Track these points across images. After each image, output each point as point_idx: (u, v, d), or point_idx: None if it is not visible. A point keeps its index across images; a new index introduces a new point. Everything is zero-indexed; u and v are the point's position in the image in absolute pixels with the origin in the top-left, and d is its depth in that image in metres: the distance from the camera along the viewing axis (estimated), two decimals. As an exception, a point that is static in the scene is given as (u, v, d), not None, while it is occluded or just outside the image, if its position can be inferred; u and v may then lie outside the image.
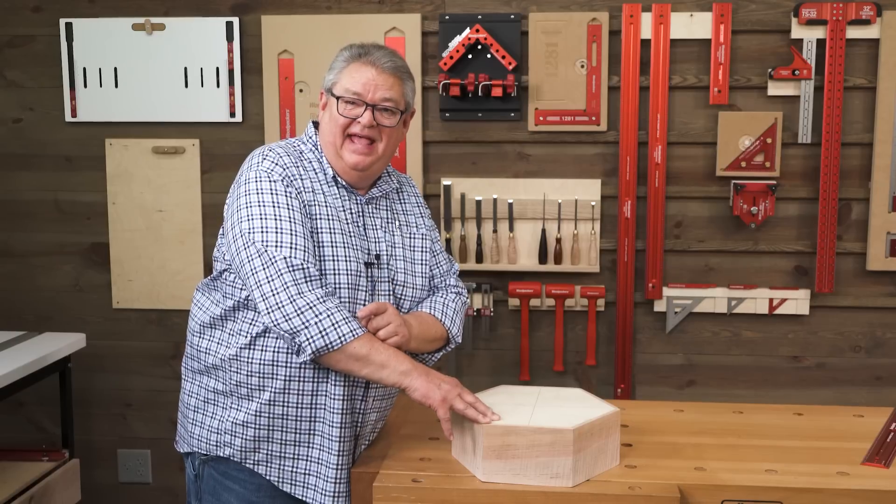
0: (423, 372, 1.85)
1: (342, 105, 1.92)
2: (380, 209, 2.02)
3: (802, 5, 2.83)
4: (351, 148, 1.93)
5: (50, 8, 3.08)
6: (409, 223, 2.07)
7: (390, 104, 1.93)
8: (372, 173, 1.99)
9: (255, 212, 1.85)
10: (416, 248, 2.06)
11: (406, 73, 1.99)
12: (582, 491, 1.73)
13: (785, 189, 2.94)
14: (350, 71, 1.94)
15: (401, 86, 1.96)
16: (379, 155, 1.95)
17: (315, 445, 1.91)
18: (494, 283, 3.04)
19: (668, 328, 3.03)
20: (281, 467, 1.94)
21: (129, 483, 3.27)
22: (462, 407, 1.81)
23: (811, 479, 1.77)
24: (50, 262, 3.20)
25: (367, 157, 1.93)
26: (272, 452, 1.93)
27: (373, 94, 1.92)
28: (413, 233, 2.06)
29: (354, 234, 1.94)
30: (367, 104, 1.91)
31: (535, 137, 2.99)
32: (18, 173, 3.17)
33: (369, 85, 1.92)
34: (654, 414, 2.19)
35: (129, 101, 3.08)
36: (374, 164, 1.96)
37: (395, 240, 2.01)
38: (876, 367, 3.02)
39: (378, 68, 1.93)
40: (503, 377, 3.04)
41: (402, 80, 1.97)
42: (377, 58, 1.94)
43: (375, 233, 1.98)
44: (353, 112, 1.92)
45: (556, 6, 2.94)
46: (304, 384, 1.89)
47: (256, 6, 3.02)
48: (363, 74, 1.92)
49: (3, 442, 3.18)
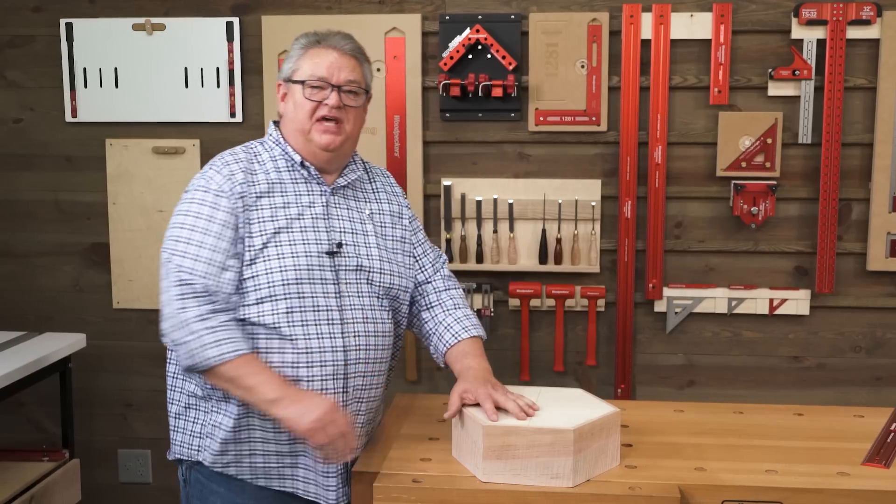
0: (294, 400, 1.80)
1: (308, 90, 1.95)
2: (347, 199, 2.04)
3: (802, 6, 2.83)
4: (320, 129, 1.95)
5: (50, 8, 3.08)
6: (381, 211, 2.08)
7: (354, 85, 1.97)
8: (342, 154, 2.01)
9: (177, 220, 1.92)
10: (394, 238, 2.07)
11: (364, 56, 2.04)
12: (582, 491, 1.73)
13: (785, 189, 2.94)
14: (311, 56, 1.97)
15: (361, 67, 2.01)
16: (347, 134, 1.98)
17: (296, 440, 1.91)
18: (494, 283, 3.04)
19: (669, 328, 3.03)
20: (265, 465, 1.95)
21: (130, 483, 3.27)
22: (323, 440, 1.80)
23: (811, 479, 1.77)
24: (50, 263, 3.20)
25: (337, 136, 1.96)
26: (255, 451, 1.94)
27: (338, 76, 1.95)
28: (385, 221, 2.08)
29: (315, 224, 1.95)
30: (333, 86, 1.94)
31: (536, 138, 2.99)
32: (19, 173, 3.17)
33: (333, 67, 1.95)
34: (654, 414, 2.19)
35: (129, 101, 3.08)
36: (343, 144, 1.98)
37: (365, 228, 2.02)
38: (876, 368, 3.01)
39: (339, 51, 1.97)
40: (504, 377, 2.98)
41: (360, 62, 2.02)
42: (337, 41, 1.99)
43: (341, 222, 1.99)
44: (320, 95, 1.95)
45: (557, 6, 2.94)
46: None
47: (256, 6, 3.02)
48: (325, 58, 1.96)
49: (4, 442, 3.18)
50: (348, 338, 1.92)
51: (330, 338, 1.90)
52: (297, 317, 1.89)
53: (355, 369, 1.93)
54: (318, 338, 1.89)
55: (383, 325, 1.99)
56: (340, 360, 1.91)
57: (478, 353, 2.05)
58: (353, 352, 1.92)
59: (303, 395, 1.85)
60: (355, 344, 1.92)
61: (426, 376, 3.12)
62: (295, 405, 1.80)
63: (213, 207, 1.89)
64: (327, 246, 1.94)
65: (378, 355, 1.98)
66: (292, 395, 1.82)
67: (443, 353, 2.08)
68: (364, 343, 1.94)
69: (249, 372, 1.81)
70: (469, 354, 2.03)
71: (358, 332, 1.93)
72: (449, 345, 2.07)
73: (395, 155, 3.01)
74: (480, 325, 2.13)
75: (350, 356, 1.92)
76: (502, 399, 1.84)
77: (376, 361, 1.98)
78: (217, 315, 1.83)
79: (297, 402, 1.81)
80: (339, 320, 1.91)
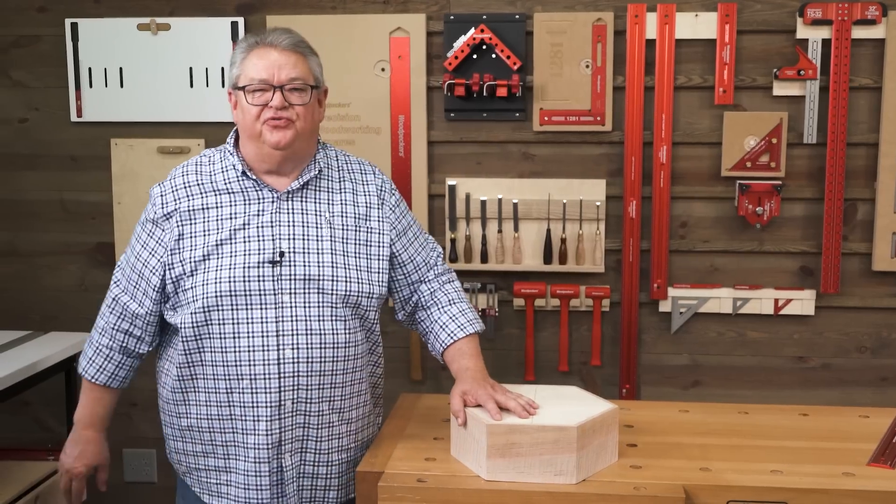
0: (73, 436, 2.12)
1: (250, 95, 1.89)
2: (305, 201, 1.96)
3: (808, 5, 2.82)
4: (269, 126, 1.89)
5: (55, 8, 3.08)
6: (344, 213, 1.99)
7: (298, 83, 1.90)
8: (296, 153, 1.95)
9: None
10: (357, 242, 1.99)
11: (307, 48, 1.96)
12: (587, 491, 1.73)
13: (790, 189, 2.93)
14: (251, 59, 1.91)
15: (305, 62, 1.93)
16: (298, 131, 1.91)
17: (240, 458, 1.94)
18: (499, 283, 3.04)
19: (673, 328, 3.02)
20: (207, 480, 2.00)
21: (135, 482, 3.28)
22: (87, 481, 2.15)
23: (816, 479, 1.77)
24: (55, 262, 3.20)
25: (287, 131, 1.89)
26: (199, 464, 2.01)
27: (278, 76, 1.88)
28: (348, 224, 1.99)
29: (260, 234, 1.91)
30: (275, 87, 1.88)
31: (540, 137, 2.99)
32: (24, 173, 3.17)
33: (272, 68, 1.88)
34: (659, 414, 2.19)
35: (134, 101, 3.08)
36: (295, 142, 1.91)
37: (321, 233, 1.94)
38: (881, 368, 3.01)
39: (278, 48, 1.90)
40: (508, 377, 3.01)
41: (304, 55, 1.94)
42: (274, 38, 1.92)
43: (292, 229, 1.93)
44: (263, 98, 1.89)
45: (561, 6, 2.94)
46: (222, 408, 1.94)
47: (261, 6, 3.03)
48: (264, 59, 1.89)
49: (9, 441, 3.19)
50: (284, 350, 1.88)
51: (263, 351, 1.88)
52: (230, 329, 1.88)
53: (294, 382, 1.89)
54: (250, 351, 1.88)
55: (335, 336, 1.92)
56: (273, 374, 1.88)
57: (474, 352, 2.03)
58: (291, 364, 1.88)
59: (80, 438, 2.11)
60: (293, 357, 1.89)
61: (430, 376, 3.12)
62: (70, 436, 2.12)
63: (148, 236, 2.00)
64: (270, 255, 1.90)
65: (328, 367, 1.92)
66: (76, 433, 2.12)
67: (440, 353, 2.07)
68: (306, 356, 1.89)
69: (83, 391, 2.11)
70: (465, 355, 2.02)
71: (298, 344, 1.89)
72: (445, 344, 2.05)
73: (400, 155, 3.01)
74: (477, 319, 2.09)
75: (286, 369, 1.88)
76: (503, 398, 1.85)
77: (326, 374, 1.92)
78: (107, 332, 2.05)
79: (72, 438, 2.12)
80: (273, 332, 1.88)
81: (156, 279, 1.94)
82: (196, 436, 1.97)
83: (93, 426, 2.11)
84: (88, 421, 2.10)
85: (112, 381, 2.06)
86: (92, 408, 2.09)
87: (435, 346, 2.08)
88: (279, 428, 1.90)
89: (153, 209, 1.98)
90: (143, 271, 1.97)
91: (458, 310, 2.09)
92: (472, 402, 1.87)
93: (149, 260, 1.96)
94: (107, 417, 2.13)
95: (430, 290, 2.11)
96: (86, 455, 2.10)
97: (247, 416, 1.90)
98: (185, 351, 1.93)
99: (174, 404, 2.00)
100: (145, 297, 1.97)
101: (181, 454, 2.03)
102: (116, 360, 2.04)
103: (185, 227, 1.93)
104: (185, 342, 1.92)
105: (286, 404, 1.90)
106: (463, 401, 1.87)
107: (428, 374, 3.13)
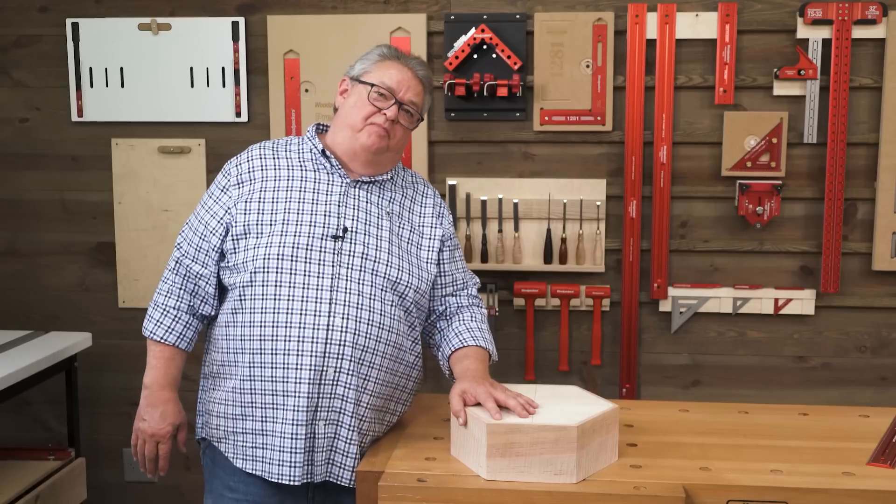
0: (148, 398, 2.07)
1: (374, 94, 2.04)
2: (369, 193, 2.09)
3: (808, 5, 2.82)
4: (369, 130, 2.04)
5: (56, 8, 3.09)
6: (402, 216, 2.12)
7: (414, 108, 2.08)
8: (380, 162, 2.09)
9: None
10: (409, 241, 2.11)
11: (430, 86, 2.17)
12: (587, 491, 1.73)
13: (790, 189, 2.93)
14: (385, 66, 2.08)
15: (424, 95, 2.12)
16: (389, 146, 2.06)
17: (277, 420, 1.96)
18: (499, 282, 3.04)
19: (674, 328, 3.03)
20: (244, 444, 2.00)
21: (135, 482, 3.28)
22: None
23: (817, 479, 1.77)
24: (56, 262, 3.20)
25: (383, 141, 2.04)
26: (237, 430, 2.00)
27: (403, 93, 2.07)
28: (403, 225, 2.11)
29: (327, 210, 2.02)
30: (397, 100, 2.04)
31: (541, 137, 2.99)
32: (25, 173, 3.18)
33: (403, 84, 2.07)
34: (659, 414, 2.19)
35: (135, 100, 3.08)
36: (385, 152, 2.07)
37: (381, 222, 2.06)
38: (881, 368, 3.01)
39: (413, 72, 2.10)
40: (508, 377, 3.02)
41: (427, 90, 2.14)
42: (413, 63, 2.11)
43: (356, 212, 2.04)
44: (383, 103, 2.04)
45: (562, 6, 2.94)
46: (265, 369, 1.95)
47: (262, 6, 3.03)
48: (399, 73, 2.07)
49: (10, 441, 3.19)
50: (335, 318, 1.94)
51: (314, 315, 1.94)
52: (285, 291, 1.95)
53: (339, 351, 1.93)
54: (302, 314, 1.94)
55: (383, 316, 1.99)
56: (321, 339, 1.93)
57: (479, 357, 2.07)
58: (339, 333, 1.93)
59: (158, 399, 2.06)
60: (342, 326, 1.94)
61: (431, 375, 3.12)
62: (145, 400, 2.07)
63: (222, 191, 2.08)
64: (334, 230, 1.99)
65: (371, 345, 1.97)
66: (153, 396, 2.07)
67: (447, 356, 2.10)
68: (354, 327, 1.95)
69: (152, 354, 2.09)
70: (469, 357, 2.05)
71: (348, 315, 1.95)
72: (454, 348, 2.09)
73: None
74: (493, 344, 2.14)
75: (333, 336, 1.93)
76: (502, 397, 1.85)
77: (368, 350, 1.97)
78: (173, 295, 2.08)
79: (149, 402, 2.06)
80: (327, 300, 1.94)
81: (217, 240, 2.04)
82: (238, 398, 1.98)
83: (169, 386, 2.09)
84: (164, 381, 2.09)
85: (180, 341, 2.09)
86: (165, 369, 2.09)
87: (444, 351, 2.13)
88: (318, 394, 1.93)
89: (225, 178, 2.10)
90: (207, 234, 2.06)
91: (478, 327, 2.15)
92: (472, 401, 1.87)
93: (215, 226, 2.05)
94: (178, 378, 2.13)
95: (458, 305, 2.19)
96: (168, 415, 2.07)
97: (289, 378, 1.93)
98: (240, 311, 1.98)
99: (220, 365, 2.03)
100: (207, 257, 2.06)
101: (220, 418, 2.02)
102: (184, 321, 2.09)
103: (255, 192, 2.04)
104: (241, 300, 1.98)
105: (328, 371, 1.94)
106: (462, 400, 1.88)
107: (429, 374, 3.13)
